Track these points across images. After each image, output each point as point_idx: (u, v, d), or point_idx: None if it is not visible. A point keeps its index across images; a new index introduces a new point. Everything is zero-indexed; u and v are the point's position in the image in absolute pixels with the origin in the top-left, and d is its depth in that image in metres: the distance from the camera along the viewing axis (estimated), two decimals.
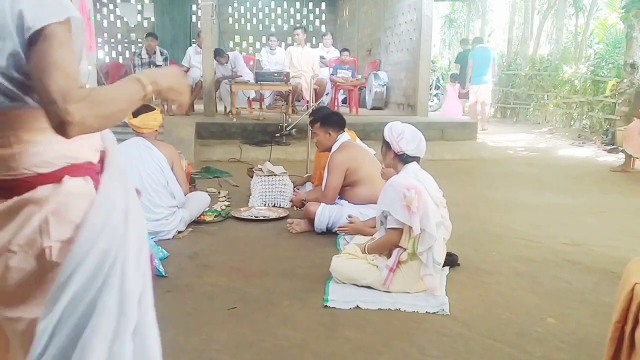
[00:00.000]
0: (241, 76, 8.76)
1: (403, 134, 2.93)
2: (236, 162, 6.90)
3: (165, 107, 8.88)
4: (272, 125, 7.52)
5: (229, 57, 9.06)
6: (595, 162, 8.08)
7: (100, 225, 1.14)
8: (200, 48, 8.77)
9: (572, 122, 12.39)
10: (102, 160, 1.25)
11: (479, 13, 18.96)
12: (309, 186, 4.81)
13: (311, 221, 3.90)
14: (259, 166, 4.95)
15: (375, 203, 3.03)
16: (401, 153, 2.93)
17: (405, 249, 2.82)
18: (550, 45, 17.85)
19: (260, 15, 14.72)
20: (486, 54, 10.35)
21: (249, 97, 9.48)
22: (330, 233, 3.85)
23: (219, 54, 8.87)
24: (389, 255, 2.88)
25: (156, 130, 3.98)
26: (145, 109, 3.99)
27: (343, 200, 3.98)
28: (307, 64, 9.02)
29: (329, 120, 4.10)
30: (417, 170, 2.92)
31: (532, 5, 17.41)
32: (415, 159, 2.95)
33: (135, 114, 3.91)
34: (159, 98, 1.25)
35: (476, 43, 11.26)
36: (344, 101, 10.84)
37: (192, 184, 4.70)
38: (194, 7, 13.51)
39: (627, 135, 6.83)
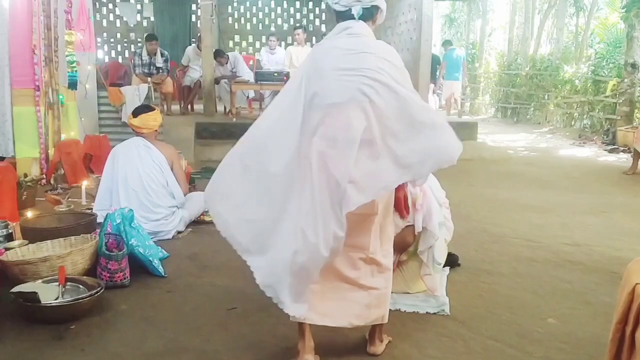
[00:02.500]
0: (240, 76, 8.78)
1: None
2: None
3: (165, 107, 8.90)
4: None
5: (228, 58, 9.09)
6: (595, 162, 8.07)
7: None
8: (200, 50, 8.77)
9: (572, 122, 12.39)
10: None
11: (479, 13, 18.96)
12: None
13: None
14: None
15: None
16: None
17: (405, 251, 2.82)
18: (550, 45, 17.83)
19: (260, 14, 14.69)
20: (457, 56, 11.33)
21: (248, 97, 9.47)
22: None
23: (219, 54, 8.89)
24: None
25: (156, 131, 3.97)
26: (145, 109, 3.98)
27: None
28: None
29: None
30: None
31: (533, 5, 17.40)
32: None
33: (135, 114, 3.90)
34: (159, 98, 1.29)
35: (447, 45, 11.82)
36: None
37: (192, 184, 4.69)
38: (194, 7, 13.49)
39: (638, 136, 6.70)
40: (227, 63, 9.00)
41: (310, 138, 1.96)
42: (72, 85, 5.96)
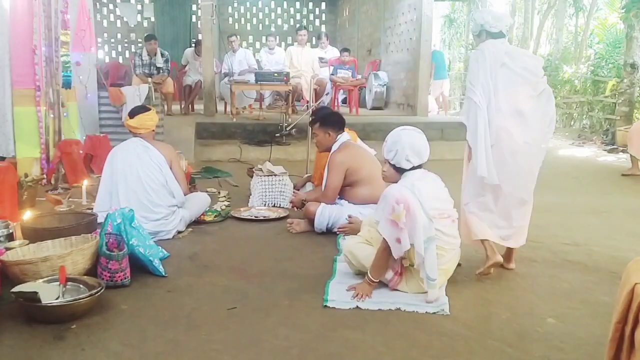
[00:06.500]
0: (256, 68, 9.06)
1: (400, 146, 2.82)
2: (236, 162, 6.90)
3: (165, 107, 8.89)
4: (272, 125, 7.52)
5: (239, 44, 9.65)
6: (595, 162, 8.08)
7: None
8: (199, 55, 8.80)
9: (572, 122, 12.41)
10: None
11: None
12: (309, 186, 4.80)
13: (311, 221, 3.90)
14: (259, 166, 4.95)
15: (376, 203, 3.00)
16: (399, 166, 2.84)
17: (405, 259, 2.80)
18: (550, 45, 17.83)
19: (260, 15, 14.72)
20: (442, 56, 12.17)
21: (254, 99, 9.48)
22: (330, 233, 3.85)
23: (231, 35, 9.59)
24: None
25: (153, 130, 3.97)
26: (141, 109, 3.98)
27: (343, 200, 3.98)
28: (307, 64, 9.02)
29: (328, 120, 4.10)
30: (417, 179, 2.80)
31: (532, 5, 17.40)
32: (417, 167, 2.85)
33: (132, 115, 3.91)
34: (159, 98, 1.29)
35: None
36: (344, 101, 10.84)
37: (192, 184, 4.70)
38: (194, 7, 13.51)
39: (630, 137, 6.71)
40: (237, 51, 9.37)
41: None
42: (67, 84, 5.97)
